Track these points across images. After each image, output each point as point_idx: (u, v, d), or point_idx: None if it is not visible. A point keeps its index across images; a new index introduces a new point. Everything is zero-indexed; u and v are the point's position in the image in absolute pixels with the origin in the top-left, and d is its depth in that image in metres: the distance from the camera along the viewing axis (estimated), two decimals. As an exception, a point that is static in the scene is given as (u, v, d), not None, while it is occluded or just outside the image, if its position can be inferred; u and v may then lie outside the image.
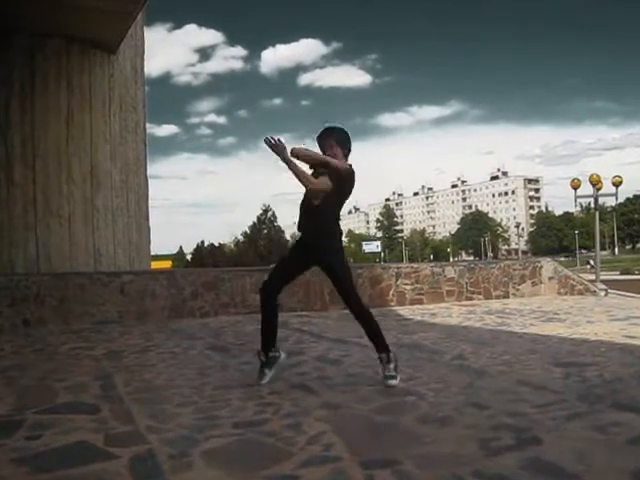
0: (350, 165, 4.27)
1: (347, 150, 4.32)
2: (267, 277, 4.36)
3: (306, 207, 4.29)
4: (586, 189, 16.88)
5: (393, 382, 4.05)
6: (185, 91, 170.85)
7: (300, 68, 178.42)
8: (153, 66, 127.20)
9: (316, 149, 4.27)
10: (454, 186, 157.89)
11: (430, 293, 10.63)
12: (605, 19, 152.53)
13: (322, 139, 4.30)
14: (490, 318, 8.10)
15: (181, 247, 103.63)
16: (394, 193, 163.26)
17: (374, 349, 4.24)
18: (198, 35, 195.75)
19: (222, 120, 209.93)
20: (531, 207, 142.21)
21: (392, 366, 4.12)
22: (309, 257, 4.28)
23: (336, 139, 4.28)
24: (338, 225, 4.33)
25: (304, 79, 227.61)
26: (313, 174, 4.17)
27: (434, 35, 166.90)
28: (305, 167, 4.19)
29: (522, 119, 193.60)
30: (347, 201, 4.36)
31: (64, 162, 11.13)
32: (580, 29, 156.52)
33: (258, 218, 76.13)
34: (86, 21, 10.48)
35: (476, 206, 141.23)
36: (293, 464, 2.56)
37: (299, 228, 4.37)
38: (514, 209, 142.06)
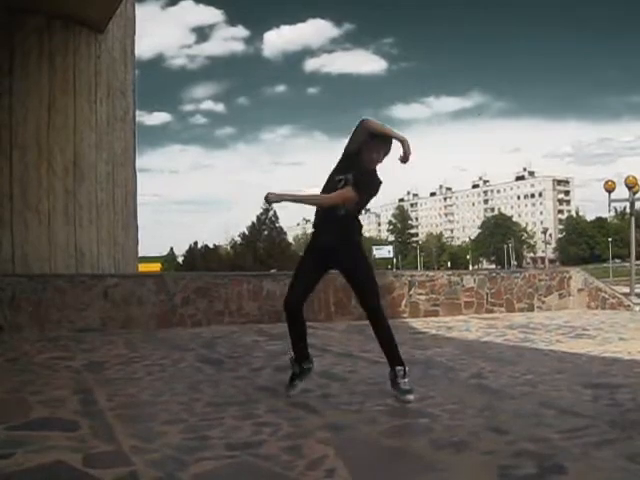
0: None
1: None
2: (287, 293, 4.36)
3: (326, 214, 4.33)
4: (622, 192, 16.84)
5: (410, 397, 4.09)
6: (179, 75, 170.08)
7: (307, 52, 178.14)
8: (144, 47, 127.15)
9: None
10: (475, 186, 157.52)
11: (446, 304, 10.60)
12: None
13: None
14: (512, 333, 8.09)
15: (172, 248, 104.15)
16: (409, 193, 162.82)
17: (389, 362, 4.26)
18: (195, 13, 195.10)
19: (219, 108, 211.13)
20: (560, 211, 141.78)
21: (407, 380, 4.17)
22: (327, 258, 4.31)
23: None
24: (358, 221, 4.44)
25: (311, 64, 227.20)
26: (334, 184, 4.25)
27: (455, 19, 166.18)
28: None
29: (551, 113, 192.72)
30: None
31: (44, 152, 11.18)
32: (616, 13, 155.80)
33: (258, 218, 76.29)
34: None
35: (499, 209, 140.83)
36: (291, 490, 2.56)
37: (315, 228, 4.44)
38: (541, 213, 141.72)
